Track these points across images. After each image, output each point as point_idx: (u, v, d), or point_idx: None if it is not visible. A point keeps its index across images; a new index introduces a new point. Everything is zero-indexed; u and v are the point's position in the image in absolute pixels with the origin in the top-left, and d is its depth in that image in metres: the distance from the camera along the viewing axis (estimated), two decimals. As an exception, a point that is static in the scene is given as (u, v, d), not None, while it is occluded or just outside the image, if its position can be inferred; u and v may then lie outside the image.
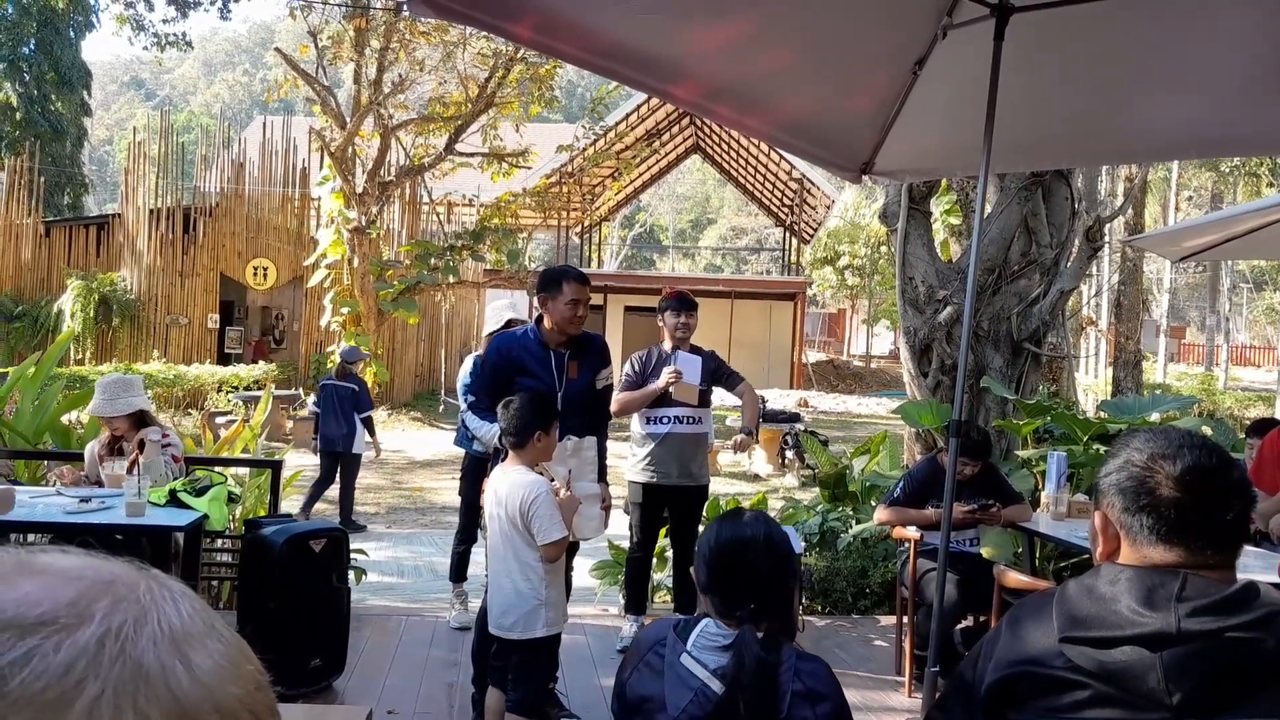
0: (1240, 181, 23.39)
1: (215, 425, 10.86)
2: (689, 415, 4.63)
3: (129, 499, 3.83)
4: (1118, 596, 1.17)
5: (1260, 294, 37.18)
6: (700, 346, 4.80)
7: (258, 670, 0.50)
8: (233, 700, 0.46)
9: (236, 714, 0.46)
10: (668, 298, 4.72)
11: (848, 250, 28.34)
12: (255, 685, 0.49)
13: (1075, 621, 1.19)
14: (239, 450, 6.08)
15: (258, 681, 0.49)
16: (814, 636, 5.01)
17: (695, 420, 4.66)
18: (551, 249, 30.75)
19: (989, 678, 1.26)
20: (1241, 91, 3.13)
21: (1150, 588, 1.16)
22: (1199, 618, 1.12)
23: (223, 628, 0.49)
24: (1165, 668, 1.11)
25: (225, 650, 0.48)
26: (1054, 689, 1.18)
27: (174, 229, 18.98)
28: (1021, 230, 6.43)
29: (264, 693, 0.49)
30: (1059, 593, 1.25)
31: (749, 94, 3.32)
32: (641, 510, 4.70)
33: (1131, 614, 1.15)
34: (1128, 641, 1.13)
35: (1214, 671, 1.11)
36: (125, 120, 52.54)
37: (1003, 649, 1.28)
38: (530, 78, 15.97)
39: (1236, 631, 1.11)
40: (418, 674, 4.27)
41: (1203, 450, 1.21)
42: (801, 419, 13.64)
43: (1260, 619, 1.12)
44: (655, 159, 28.75)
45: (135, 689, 0.43)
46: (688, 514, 4.72)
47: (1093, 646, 1.16)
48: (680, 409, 4.58)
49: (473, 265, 18.79)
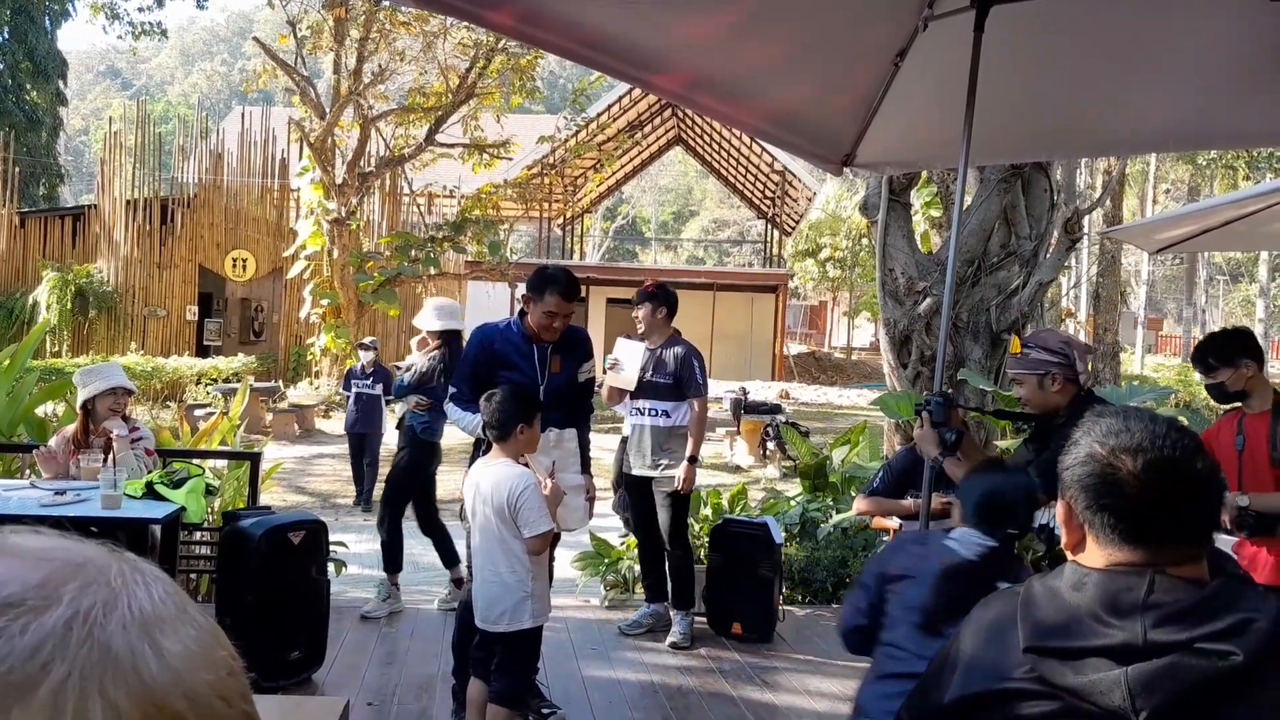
0: (1217, 175, 23.61)
1: (194, 418, 10.79)
2: (652, 408, 4.65)
3: (104, 492, 3.79)
4: (1082, 603, 1.14)
5: (1236, 286, 37.57)
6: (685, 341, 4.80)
7: (231, 656, 0.49)
8: (204, 686, 0.46)
9: (208, 700, 0.45)
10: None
11: (829, 243, 28.42)
12: (228, 671, 0.48)
13: (1041, 631, 1.15)
14: (217, 442, 6.04)
15: (230, 667, 0.49)
16: (794, 626, 5.03)
17: (658, 413, 4.66)
18: (533, 241, 30.65)
19: (956, 690, 1.23)
20: (1221, 86, 3.16)
21: (1115, 593, 1.12)
22: (1166, 628, 1.09)
23: (195, 612, 0.49)
24: (1130, 685, 1.07)
25: (197, 635, 0.47)
26: (1019, 699, 1.15)
27: (151, 220, 18.80)
28: (1001, 222, 6.47)
29: (236, 679, 0.49)
30: (1024, 595, 1.21)
31: (731, 85, 3.32)
32: (629, 499, 4.85)
33: (1096, 622, 1.12)
34: (1093, 653, 1.10)
35: (1181, 688, 1.07)
36: (101, 110, 51.89)
37: (967, 660, 1.25)
38: (511, 68, 15.90)
39: (1206, 642, 1.07)
40: (398, 666, 4.26)
41: (1167, 440, 1.15)
42: (783, 410, 13.68)
43: (1232, 627, 1.08)
44: (637, 151, 28.71)
45: (103, 672, 0.43)
46: (652, 504, 4.72)
47: (1058, 659, 1.12)
48: (644, 401, 4.64)
49: (454, 257, 18.72)
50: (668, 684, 4.18)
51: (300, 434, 13.96)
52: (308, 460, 11.94)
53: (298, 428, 14.03)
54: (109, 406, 4.32)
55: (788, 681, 4.23)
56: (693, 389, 4.67)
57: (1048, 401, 3.01)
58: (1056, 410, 2.98)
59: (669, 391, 4.66)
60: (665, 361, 4.66)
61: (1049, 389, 2.99)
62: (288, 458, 11.44)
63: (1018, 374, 3.08)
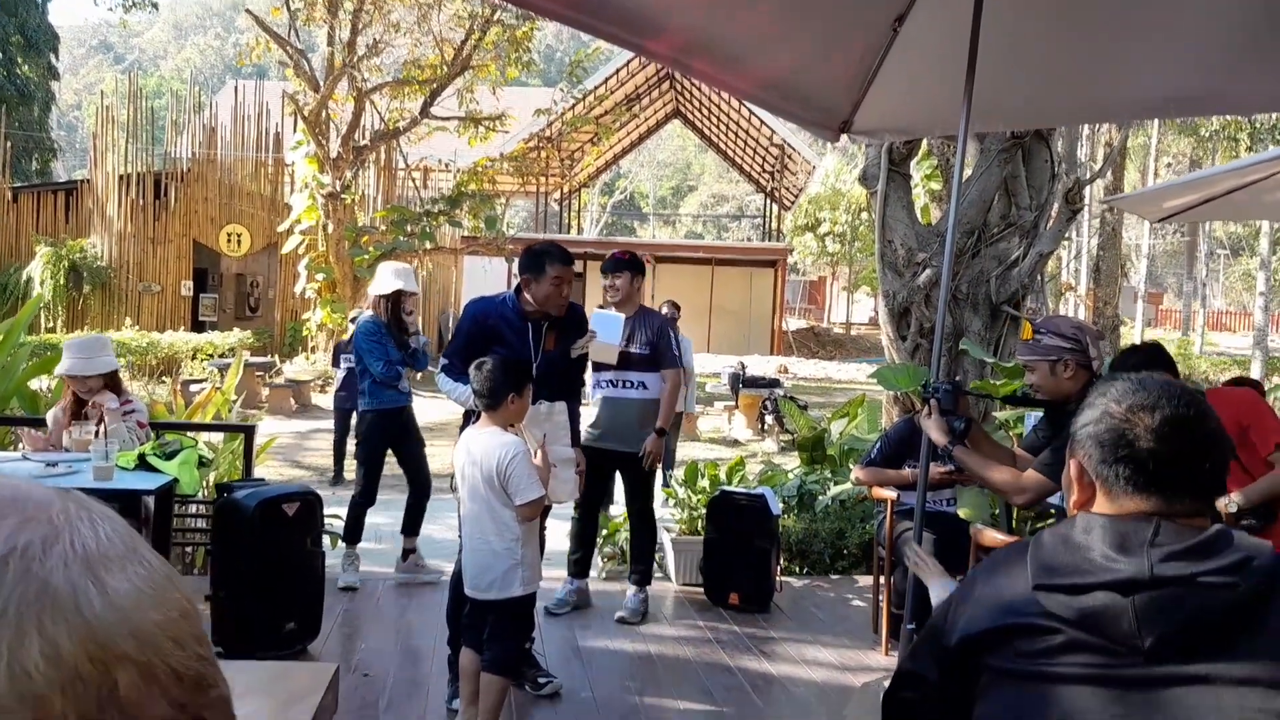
0: (1219, 147, 23.48)
1: (189, 393, 10.75)
2: (626, 380, 4.44)
3: (96, 463, 3.76)
4: (1091, 544, 1.17)
5: (1236, 260, 37.51)
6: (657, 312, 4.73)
7: (184, 599, 0.48)
8: (151, 626, 0.44)
9: (156, 640, 0.44)
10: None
11: (829, 217, 28.30)
12: (180, 613, 0.46)
13: (1049, 569, 1.18)
14: (211, 416, 6.00)
15: (184, 609, 0.47)
16: (791, 596, 5.03)
17: (635, 385, 4.46)
18: (530, 215, 30.53)
19: (962, 628, 1.25)
20: (1223, 50, 3.10)
21: (1124, 534, 1.16)
22: (1172, 563, 1.12)
23: (148, 553, 0.47)
24: (1138, 611, 1.11)
25: (148, 575, 0.46)
26: (1028, 635, 1.18)
27: (144, 195, 18.69)
28: (1001, 193, 6.41)
29: (190, 622, 0.47)
30: (1033, 542, 1.25)
31: (727, 50, 3.26)
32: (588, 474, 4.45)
33: (1105, 560, 1.15)
34: (1101, 587, 1.13)
35: (1186, 616, 1.10)
36: (94, 85, 51.48)
37: (976, 598, 1.27)
38: (507, 40, 15.73)
39: (1209, 576, 1.10)
40: (394, 637, 4.25)
41: (1180, 400, 1.21)
42: (781, 385, 13.67)
43: (1234, 564, 1.11)
44: (635, 124, 28.52)
45: (40, 608, 0.41)
46: (627, 479, 4.59)
47: (1066, 593, 1.16)
48: (612, 372, 4.41)
49: (450, 231, 18.62)
50: (664, 654, 4.17)
51: (296, 409, 13.94)
52: (304, 435, 11.92)
53: (294, 403, 14.01)
54: (86, 388, 4.29)
55: (785, 651, 4.23)
56: (668, 360, 4.53)
57: (1059, 388, 2.96)
58: (1069, 397, 2.92)
59: (646, 363, 4.48)
60: (643, 332, 4.49)
61: (1061, 375, 2.94)
62: (284, 432, 11.43)
63: (1029, 360, 3.03)
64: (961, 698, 1.26)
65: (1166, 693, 1.10)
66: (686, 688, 3.80)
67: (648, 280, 24.48)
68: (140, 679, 0.43)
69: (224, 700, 0.48)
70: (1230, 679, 1.08)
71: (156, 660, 0.44)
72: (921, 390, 3.11)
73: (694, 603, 4.86)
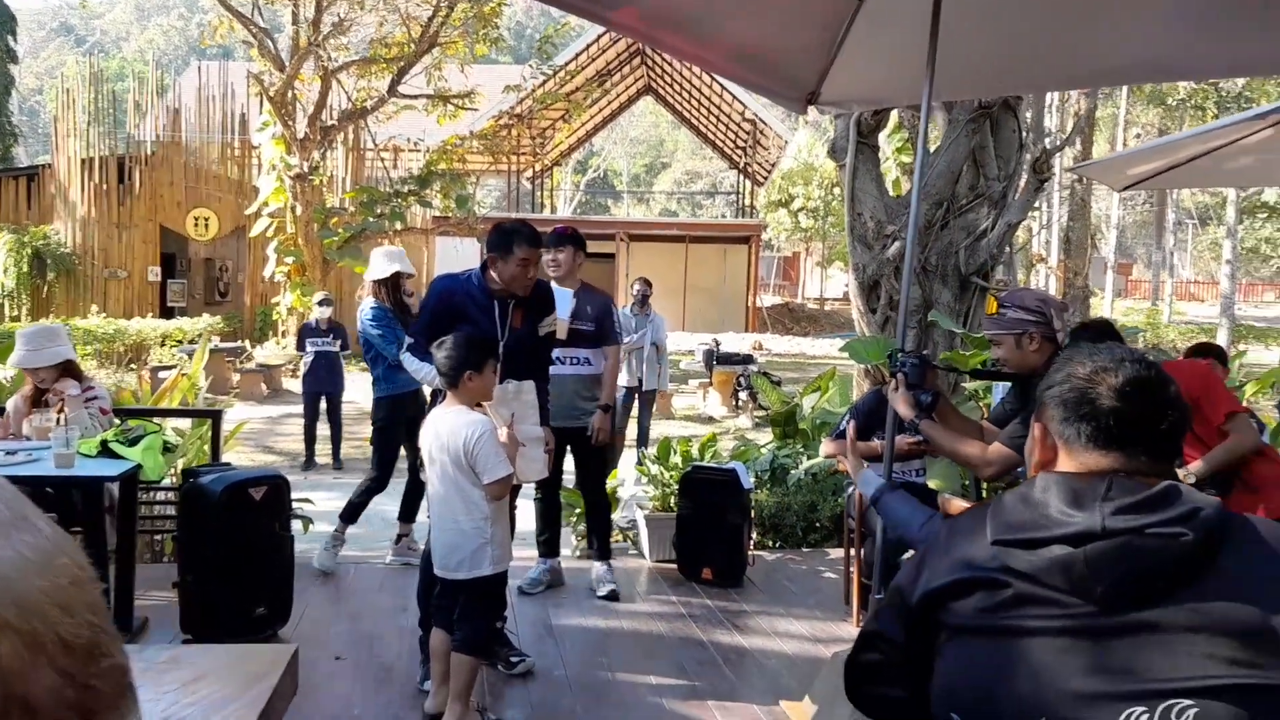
0: (1187, 116, 23.66)
1: (158, 380, 10.62)
2: (571, 356, 4.49)
3: (56, 450, 3.69)
4: (1049, 501, 1.20)
5: (1204, 230, 37.92)
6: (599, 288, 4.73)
7: (77, 566, 0.46)
8: (36, 593, 0.43)
9: (41, 607, 0.43)
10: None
11: (801, 192, 28.27)
12: (70, 580, 0.45)
13: (1008, 526, 1.22)
14: (177, 401, 5.93)
15: (74, 577, 0.46)
16: (764, 570, 5.04)
17: (579, 361, 4.52)
18: (503, 195, 30.31)
19: (923, 584, 1.28)
20: (1185, 16, 3.10)
21: (1079, 491, 1.19)
22: (1122, 516, 1.15)
23: (39, 520, 0.46)
24: (1089, 561, 1.14)
25: (35, 542, 0.45)
26: (987, 589, 1.21)
27: (108, 179, 18.38)
28: (969, 163, 6.41)
29: (83, 589, 0.46)
30: (994, 503, 1.28)
31: (691, 20, 3.22)
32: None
33: (1060, 515, 1.18)
34: (1056, 541, 1.16)
35: (1136, 565, 1.13)
36: (56, 68, 50.41)
37: (938, 556, 1.30)
38: (475, 16, 15.54)
39: (1159, 528, 1.13)
40: (366, 620, 4.23)
41: (1142, 365, 1.26)
42: (755, 361, 13.69)
43: (1182, 515, 1.14)
44: (606, 100, 28.33)
45: None
46: (577, 455, 4.59)
47: (1023, 548, 1.19)
48: (557, 349, 4.34)
49: (420, 211, 18.45)
50: (638, 630, 4.18)
51: (268, 394, 13.82)
52: (275, 420, 11.82)
53: (265, 388, 13.89)
54: (38, 379, 4.21)
55: (757, 624, 4.25)
56: (612, 336, 4.59)
57: (1025, 361, 2.97)
58: (1035, 370, 2.93)
59: (590, 339, 4.53)
60: (587, 308, 4.54)
61: (1027, 348, 2.96)
62: (255, 418, 11.34)
63: (995, 334, 3.04)
64: (924, 656, 1.28)
65: (1119, 641, 1.12)
66: (659, 663, 3.81)
67: (622, 258, 24.38)
68: (24, 647, 0.41)
69: (119, 669, 0.47)
70: (1179, 626, 1.11)
71: (42, 628, 0.42)
72: (889, 363, 3.11)
73: (667, 578, 4.87)
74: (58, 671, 0.43)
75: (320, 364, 8.84)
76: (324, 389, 8.94)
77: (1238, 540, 1.17)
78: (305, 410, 9.10)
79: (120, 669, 0.47)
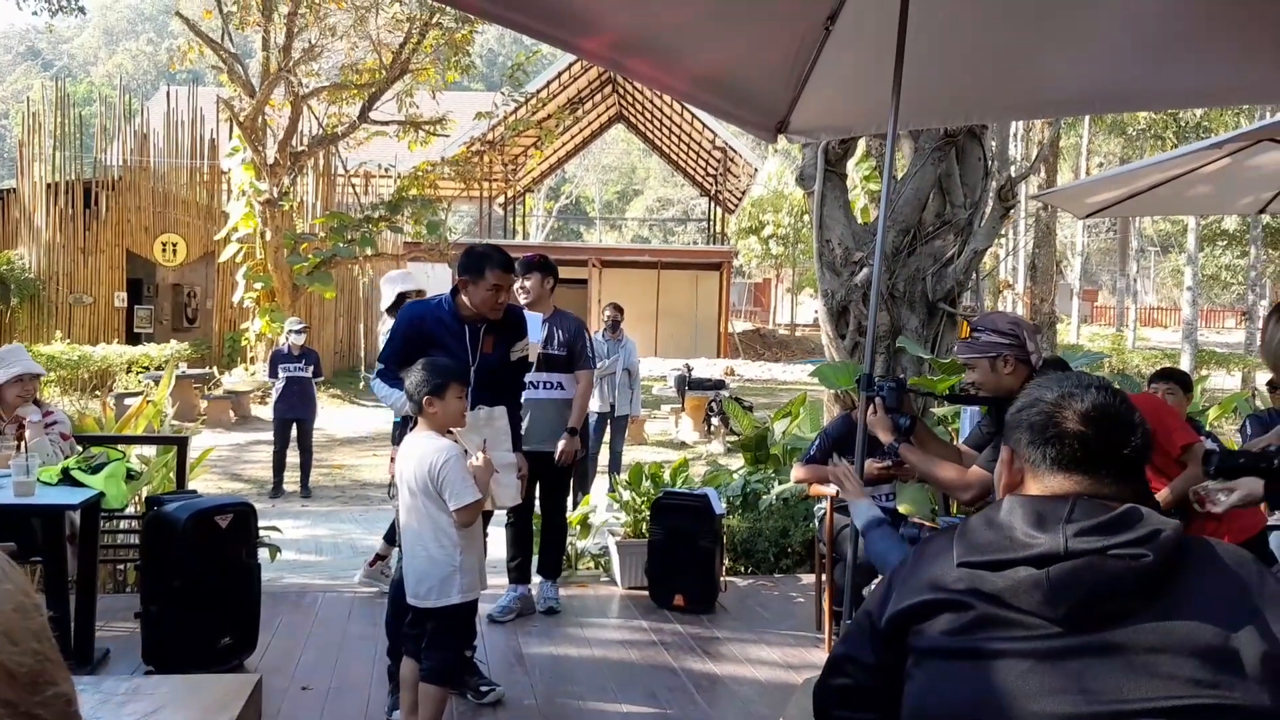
0: (1147, 146, 24.15)
1: (122, 407, 10.47)
2: (545, 381, 4.57)
3: (16, 479, 3.63)
4: (1013, 523, 1.22)
5: (1166, 257, 38.59)
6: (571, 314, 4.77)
7: (21, 592, 0.46)
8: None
9: None
10: None
11: (772, 219, 28.52)
12: (14, 607, 0.45)
13: (974, 548, 1.23)
14: (142, 428, 5.84)
15: (19, 604, 0.45)
16: (736, 596, 5.03)
17: (550, 385, 4.59)
18: (474, 221, 30.30)
19: (891, 607, 1.29)
20: (1139, 48, 3.18)
21: (1042, 513, 1.21)
22: (1085, 537, 1.16)
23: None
24: (1052, 582, 1.15)
25: None
26: (953, 611, 1.22)
27: (74, 204, 18.17)
28: (936, 191, 6.50)
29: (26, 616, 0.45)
30: (961, 526, 1.30)
31: (661, 48, 3.25)
32: None
33: (1025, 537, 1.19)
34: (1020, 563, 1.18)
35: (1098, 586, 1.14)
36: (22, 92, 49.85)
37: (906, 579, 1.31)
38: (446, 43, 15.59)
39: (1120, 549, 1.15)
40: (334, 650, 4.16)
41: (1107, 391, 1.29)
42: (726, 386, 13.73)
43: (1143, 537, 1.16)
44: (578, 128, 28.47)
45: None
46: (543, 480, 4.59)
47: (989, 569, 1.20)
48: (533, 375, 4.42)
49: (391, 237, 18.40)
50: (609, 657, 4.14)
51: (236, 421, 13.66)
52: (243, 447, 11.69)
53: (233, 414, 13.73)
54: (17, 394, 4.15)
55: (729, 651, 4.23)
56: (584, 362, 4.65)
57: (1000, 384, 2.97)
58: (1011, 392, 2.92)
59: (563, 364, 4.60)
60: (559, 334, 4.61)
61: (1001, 371, 2.95)
62: (223, 445, 11.19)
63: (969, 358, 3.03)
64: (894, 679, 1.28)
65: (1084, 662, 1.13)
66: (631, 691, 3.78)
67: (594, 284, 24.40)
68: None
69: (63, 698, 0.46)
70: (1142, 646, 1.12)
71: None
72: (864, 388, 3.10)
73: (639, 605, 4.84)
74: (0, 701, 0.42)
75: (293, 389, 8.76)
76: (296, 414, 8.85)
77: (1198, 561, 1.19)
78: (275, 436, 9.00)
79: (64, 698, 0.46)
